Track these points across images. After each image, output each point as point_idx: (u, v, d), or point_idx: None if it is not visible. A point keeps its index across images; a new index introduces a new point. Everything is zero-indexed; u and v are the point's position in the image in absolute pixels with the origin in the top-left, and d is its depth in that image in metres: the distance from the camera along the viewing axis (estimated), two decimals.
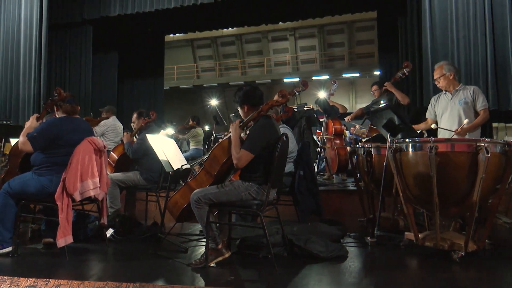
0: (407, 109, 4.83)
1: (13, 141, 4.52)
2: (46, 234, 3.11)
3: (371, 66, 18.01)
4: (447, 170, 2.56)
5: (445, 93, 3.62)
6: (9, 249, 2.80)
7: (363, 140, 4.99)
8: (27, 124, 3.02)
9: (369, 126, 4.75)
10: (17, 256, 2.79)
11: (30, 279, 2.21)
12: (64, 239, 2.72)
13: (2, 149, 6.13)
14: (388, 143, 3.09)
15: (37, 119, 3.06)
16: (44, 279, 2.20)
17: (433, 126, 3.44)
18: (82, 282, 2.17)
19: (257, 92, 2.75)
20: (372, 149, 3.45)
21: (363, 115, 4.76)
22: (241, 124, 2.64)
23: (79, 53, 9.05)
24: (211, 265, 2.53)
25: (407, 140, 2.79)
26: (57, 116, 3.10)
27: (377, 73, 14.77)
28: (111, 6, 8.39)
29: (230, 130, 2.65)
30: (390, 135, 3.23)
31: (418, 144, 2.69)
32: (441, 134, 3.55)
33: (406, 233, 2.92)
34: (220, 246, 2.58)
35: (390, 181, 3.12)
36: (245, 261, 2.73)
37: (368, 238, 3.09)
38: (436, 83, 3.64)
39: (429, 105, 3.78)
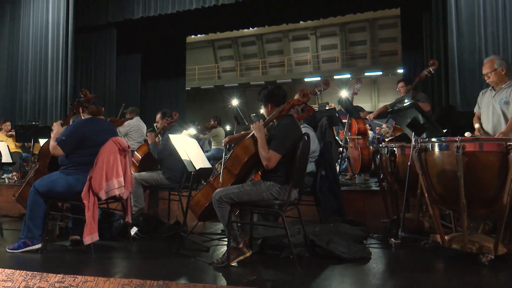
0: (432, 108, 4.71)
1: (42, 141, 4.68)
2: (73, 232, 3.20)
3: (394, 64, 17.64)
4: (475, 170, 2.47)
5: (490, 89, 3.40)
6: (39, 245, 2.90)
7: (387, 139, 4.90)
8: (54, 131, 3.12)
9: (393, 125, 4.65)
10: (46, 253, 2.89)
11: (59, 275, 2.28)
12: (90, 236, 2.80)
13: (31, 149, 6.35)
14: (413, 142, 3.01)
15: (62, 124, 3.16)
16: (72, 275, 2.26)
17: (476, 126, 3.31)
18: (108, 279, 2.22)
19: (281, 91, 2.75)
20: (396, 149, 3.38)
21: (387, 112, 4.66)
22: (264, 123, 2.64)
23: (104, 55, 9.28)
24: (233, 264, 2.54)
25: (432, 139, 2.72)
26: (82, 117, 3.19)
27: (400, 71, 14.45)
28: (134, 8, 8.56)
29: (253, 130, 2.65)
30: (414, 134, 3.16)
31: (444, 143, 2.62)
32: (484, 133, 3.42)
33: (431, 234, 2.85)
34: (241, 245, 2.59)
35: (414, 182, 3.05)
36: (267, 261, 2.72)
37: (392, 239, 3.03)
38: (485, 78, 3.38)
39: (478, 99, 3.58)
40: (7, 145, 5.32)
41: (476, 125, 3.30)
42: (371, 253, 2.81)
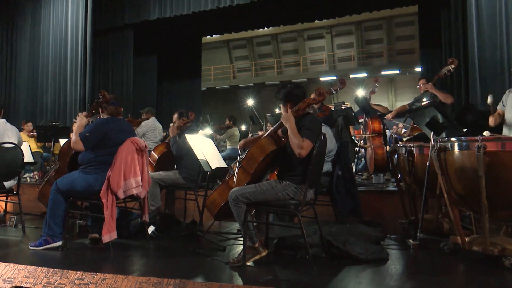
0: (451, 106, 4.61)
1: (62, 141, 4.79)
2: (92, 230, 3.26)
3: (411, 62, 17.35)
4: (497, 170, 2.41)
5: None
6: (59, 243, 2.96)
7: (404, 139, 4.82)
8: (77, 123, 3.19)
9: (411, 124, 4.57)
10: (66, 250, 2.95)
11: (79, 272, 2.33)
12: (109, 235, 2.85)
13: (52, 149, 6.49)
14: (432, 142, 2.96)
15: (86, 116, 3.23)
16: (91, 273, 2.31)
17: (490, 120, 3.21)
18: (126, 277, 2.25)
19: (300, 90, 2.74)
20: (414, 149, 3.33)
21: (406, 112, 4.59)
22: (275, 126, 2.65)
23: (121, 56, 9.43)
24: (249, 263, 2.54)
25: (452, 139, 2.66)
26: (102, 117, 3.25)
27: (418, 69, 14.21)
28: (151, 10, 8.67)
29: (283, 120, 2.61)
30: (433, 133, 3.10)
31: (464, 143, 2.56)
32: (506, 132, 3.33)
33: (451, 236, 2.79)
34: (257, 245, 2.59)
35: (433, 182, 2.99)
36: (283, 261, 2.72)
37: (410, 240, 2.98)
38: None
39: (503, 96, 3.50)
40: (29, 145, 5.46)
41: (485, 133, 3.20)
42: (389, 255, 2.77)
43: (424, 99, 4.25)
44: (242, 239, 2.69)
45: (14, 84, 9.15)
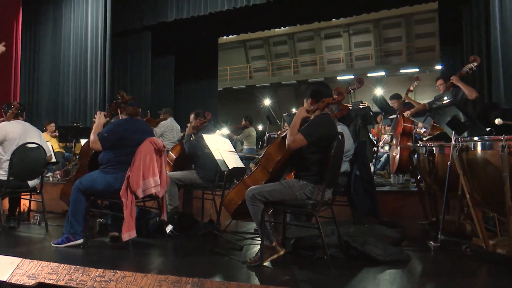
0: (472, 105, 4.49)
1: (82, 141, 4.90)
2: (112, 228, 3.32)
3: (431, 60, 16.99)
4: None
5: None
6: (80, 241, 3.03)
7: (424, 138, 4.73)
8: (96, 122, 3.26)
9: (431, 124, 4.47)
10: (87, 248, 3.02)
11: (99, 269, 2.38)
12: (128, 233, 2.89)
13: (73, 149, 6.65)
14: (453, 141, 2.89)
15: (105, 116, 3.29)
16: (112, 270, 2.35)
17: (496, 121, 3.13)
18: (146, 275, 2.28)
19: (327, 90, 2.74)
20: (434, 148, 3.26)
21: (426, 111, 4.49)
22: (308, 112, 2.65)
23: (139, 57, 9.57)
24: (266, 263, 2.54)
25: (475, 138, 2.60)
26: (120, 117, 3.31)
27: (438, 67, 13.90)
28: (168, 11, 8.77)
29: (298, 110, 2.67)
30: (455, 133, 3.02)
31: (488, 142, 2.49)
32: None
33: (474, 238, 2.71)
34: (274, 244, 2.58)
35: (455, 182, 2.92)
36: (300, 261, 2.70)
37: (431, 242, 2.92)
38: None
39: None
40: (51, 145, 5.60)
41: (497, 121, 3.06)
42: (409, 256, 2.72)
43: (445, 98, 4.15)
44: (259, 238, 2.69)
45: (37, 86, 9.41)
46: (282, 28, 16.99)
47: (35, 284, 2.42)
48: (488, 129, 3.36)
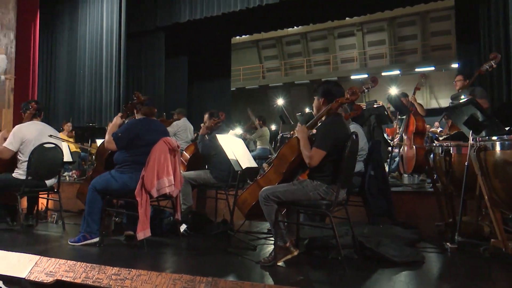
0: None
1: (98, 141, 4.97)
2: (127, 227, 3.36)
3: (447, 58, 16.70)
4: None
5: None
6: (96, 239, 3.08)
7: (441, 138, 4.64)
8: (112, 122, 3.31)
9: (449, 124, 4.38)
10: (103, 246, 3.06)
11: (115, 267, 2.41)
12: (143, 232, 2.92)
13: (89, 149, 6.75)
14: (471, 141, 2.83)
15: (121, 117, 3.33)
16: (127, 269, 2.38)
17: None
18: (160, 274, 2.30)
19: (339, 89, 2.71)
20: (451, 148, 3.20)
21: (443, 110, 4.41)
22: (307, 125, 2.63)
23: (153, 58, 9.68)
24: (280, 263, 2.53)
25: (493, 137, 2.54)
26: (136, 118, 3.35)
27: (454, 65, 13.64)
28: (181, 12, 8.84)
29: (296, 133, 2.63)
30: (472, 132, 2.96)
31: (507, 142, 2.44)
32: None
33: (492, 240, 2.66)
34: (288, 244, 2.57)
35: (472, 183, 2.86)
36: (314, 262, 2.69)
37: (448, 244, 2.87)
38: None
39: None
40: (68, 145, 5.70)
41: None
42: (425, 258, 2.67)
43: (462, 97, 4.07)
44: (272, 238, 2.69)
45: (54, 87, 9.60)
46: (295, 27, 16.93)
47: (53, 282, 2.46)
48: (507, 129, 3.28)
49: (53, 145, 3.81)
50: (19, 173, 3.67)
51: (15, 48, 7.33)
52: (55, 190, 3.96)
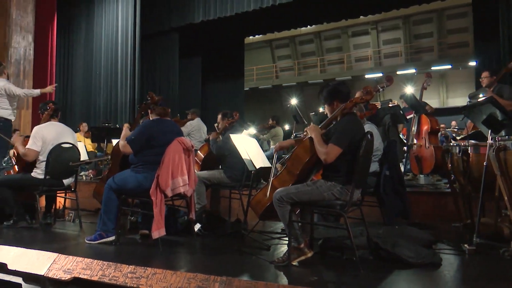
0: None
1: (114, 141, 5.04)
2: (142, 226, 3.40)
3: (465, 56, 16.35)
4: None
5: None
6: (112, 238, 3.13)
7: (458, 137, 4.55)
8: (123, 133, 3.39)
9: (468, 125, 4.29)
10: (119, 245, 3.10)
11: (131, 266, 2.44)
12: (158, 231, 2.95)
13: (105, 149, 6.86)
14: (489, 140, 2.77)
15: (129, 129, 3.42)
16: (142, 267, 2.41)
17: None
18: (175, 272, 2.32)
19: (345, 87, 2.69)
20: (469, 148, 3.13)
21: (461, 109, 4.30)
22: (321, 125, 2.61)
23: (167, 59, 9.77)
24: (294, 264, 2.52)
25: None
26: (150, 118, 3.38)
27: (472, 63, 13.35)
28: (195, 13, 8.89)
29: (308, 132, 2.60)
30: (491, 132, 2.89)
31: None
32: None
33: None
34: (302, 245, 2.56)
35: (491, 183, 2.79)
36: (328, 262, 2.67)
37: (466, 245, 2.80)
38: None
39: None
40: (84, 145, 5.80)
41: None
42: (442, 259, 2.62)
43: (481, 95, 3.98)
44: (286, 238, 2.68)
45: (71, 88, 9.79)
46: (308, 27, 16.84)
47: (71, 279, 2.51)
48: None
49: (70, 145, 3.89)
50: (38, 172, 3.75)
51: (33, 50, 7.50)
52: (72, 189, 4.03)
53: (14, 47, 6.92)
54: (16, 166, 4.18)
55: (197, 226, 3.53)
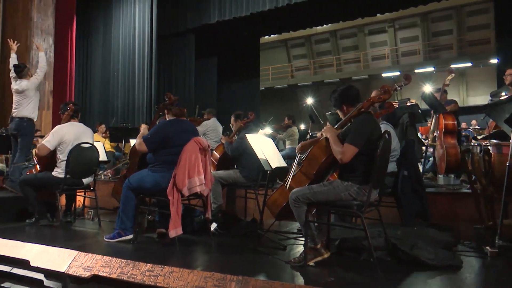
0: None
1: (132, 141, 5.12)
2: (159, 225, 3.44)
3: (486, 53, 15.90)
4: None
5: None
6: (130, 236, 3.17)
7: (479, 137, 4.43)
8: (140, 132, 3.45)
9: (490, 124, 4.16)
10: (137, 243, 3.15)
11: (148, 264, 2.47)
12: (175, 230, 2.98)
13: (123, 149, 6.97)
14: None
15: (148, 128, 3.47)
16: (160, 265, 2.43)
17: None
18: (192, 271, 2.34)
19: (353, 90, 2.67)
20: (491, 148, 3.05)
21: (483, 108, 4.19)
22: (337, 126, 2.59)
23: (183, 59, 9.86)
24: (310, 264, 2.51)
25: None
26: (167, 118, 3.42)
27: (494, 61, 13.00)
28: (211, 14, 8.94)
29: (323, 132, 2.58)
30: None
31: None
32: None
33: None
34: (319, 246, 2.55)
35: None
36: (345, 263, 2.65)
37: (488, 247, 2.74)
38: None
39: None
40: (103, 145, 5.91)
41: None
42: (462, 262, 2.56)
43: (503, 93, 3.87)
44: (302, 238, 2.67)
45: (89, 89, 9.99)
46: (324, 25, 16.73)
47: (90, 276, 2.56)
48: None
49: (89, 145, 3.96)
50: (58, 171, 3.84)
51: (54, 52, 7.68)
52: (91, 188, 4.11)
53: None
54: (37, 166, 4.29)
55: (213, 226, 3.55)
